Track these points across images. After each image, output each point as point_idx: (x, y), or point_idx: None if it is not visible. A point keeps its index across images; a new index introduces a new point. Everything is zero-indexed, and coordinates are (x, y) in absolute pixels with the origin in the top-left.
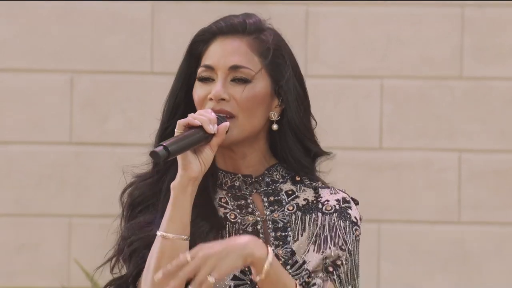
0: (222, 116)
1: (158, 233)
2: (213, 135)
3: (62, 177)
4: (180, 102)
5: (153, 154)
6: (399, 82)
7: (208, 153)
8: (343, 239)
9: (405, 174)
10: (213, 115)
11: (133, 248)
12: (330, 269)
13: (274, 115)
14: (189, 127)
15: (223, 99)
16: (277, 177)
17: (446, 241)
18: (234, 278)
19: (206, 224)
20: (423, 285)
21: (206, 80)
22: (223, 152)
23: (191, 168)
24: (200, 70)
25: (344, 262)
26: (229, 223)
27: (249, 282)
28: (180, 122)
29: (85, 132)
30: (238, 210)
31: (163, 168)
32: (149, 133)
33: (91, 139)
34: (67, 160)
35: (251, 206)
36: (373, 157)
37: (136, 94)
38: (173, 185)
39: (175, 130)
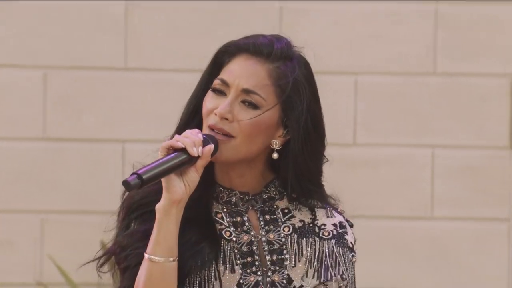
0: (211, 136)
1: (146, 255)
2: (198, 157)
3: (35, 173)
4: (199, 107)
5: (124, 183)
6: (373, 78)
7: (193, 175)
8: (344, 267)
9: (379, 170)
10: (199, 137)
11: (129, 263)
12: None
13: (276, 144)
14: (173, 149)
15: (226, 119)
16: (274, 193)
17: (419, 237)
18: None
19: (207, 244)
20: (397, 280)
21: (219, 92)
22: (221, 167)
23: (174, 191)
24: (216, 81)
25: None
26: (224, 241)
27: None
28: (163, 145)
29: (58, 128)
30: (233, 228)
31: None
32: (123, 128)
33: (64, 135)
34: (40, 156)
35: (246, 224)
36: (347, 154)
37: (110, 90)
38: (157, 207)
39: (159, 152)
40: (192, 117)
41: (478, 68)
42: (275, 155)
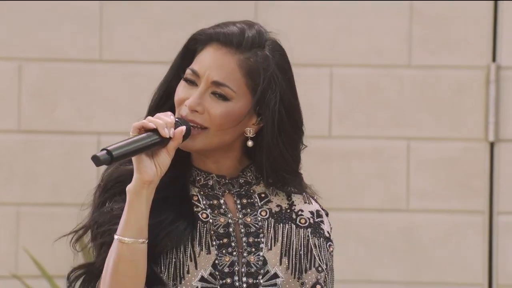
0: (183, 120)
1: (115, 236)
2: (169, 139)
3: (10, 165)
4: (171, 92)
5: (94, 158)
6: (348, 70)
7: (164, 157)
8: (319, 259)
9: (355, 162)
10: (171, 119)
11: (103, 240)
12: None
13: (250, 132)
14: (145, 130)
15: (196, 111)
16: (250, 178)
17: (394, 229)
18: (202, 279)
19: (183, 222)
20: (372, 273)
21: (190, 83)
22: (197, 153)
23: (145, 171)
24: (187, 71)
25: (323, 284)
26: (200, 222)
27: (218, 287)
28: (135, 125)
29: (33, 120)
30: (210, 210)
31: None
32: (98, 121)
33: (39, 128)
34: (15, 148)
35: (223, 207)
36: (322, 146)
37: (85, 82)
38: (128, 188)
39: (130, 132)
40: (163, 101)
41: (453, 61)
42: (249, 143)
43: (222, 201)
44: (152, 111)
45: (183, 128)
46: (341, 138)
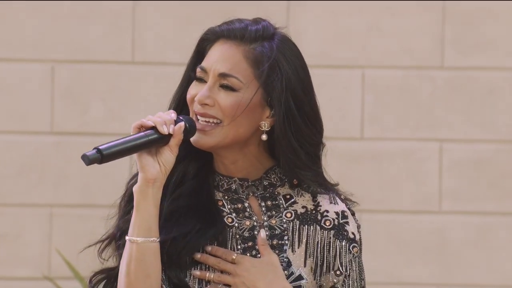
0: (187, 118)
1: (126, 237)
2: (170, 136)
3: (43, 167)
4: (182, 98)
5: (83, 157)
6: (380, 72)
7: (167, 155)
8: (339, 262)
9: (386, 164)
10: (171, 116)
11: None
12: None
13: (265, 126)
14: (145, 128)
15: (206, 104)
16: (275, 180)
17: (426, 231)
18: (227, 284)
19: (213, 230)
20: (404, 275)
21: (200, 80)
22: (216, 156)
23: (147, 170)
24: (197, 70)
25: (340, 286)
26: (226, 227)
27: None
28: (134, 124)
29: (65, 122)
30: (234, 214)
31: (176, 164)
32: (130, 122)
33: (71, 129)
34: (48, 150)
35: (248, 210)
36: (354, 147)
37: (117, 84)
38: (134, 188)
39: (131, 132)
40: (180, 106)
41: (486, 62)
42: (263, 137)
43: (246, 204)
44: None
45: (182, 123)
46: (373, 139)
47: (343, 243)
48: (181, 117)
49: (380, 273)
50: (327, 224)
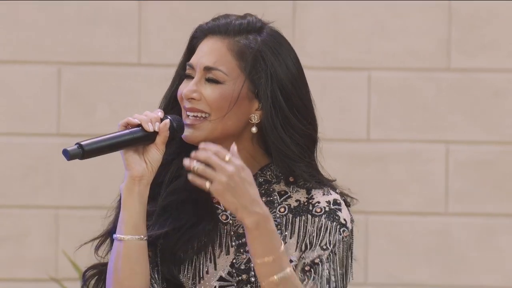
0: (175, 117)
1: (114, 235)
2: (156, 133)
3: (49, 168)
4: (173, 96)
5: (64, 152)
6: (386, 73)
7: (154, 153)
8: (328, 239)
9: (392, 165)
10: (158, 114)
11: None
12: (307, 268)
13: (255, 118)
14: (131, 126)
15: (193, 98)
16: (270, 177)
17: (433, 232)
18: (220, 279)
19: (207, 225)
20: (410, 276)
21: (189, 77)
22: None
23: (132, 167)
24: (186, 67)
25: (324, 261)
26: (221, 224)
27: (235, 284)
28: (121, 122)
29: (72, 124)
30: (229, 211)
31: (170, 159)
32: None
33: (78, 131)
34: (54, 151)
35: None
36: (360, 149)
37: (123, 86)
38: (121, 186)
39: (118, 129)
40: (170, 104)
41: (492, 64)
42: (253, 129)
43: None
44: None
45: (167, 121)
46: (379, 141)
47: (334, 224)
48: (168, 116)
49: (385, 275)
50: (318, 211)
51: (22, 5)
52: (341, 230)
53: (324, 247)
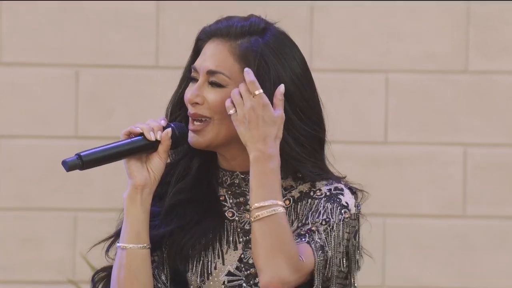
0: (178, 124)
1: (117, 244)
2: (158, 142)
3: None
4: (180, 99)
5: (63, 163)
6: (404, 76)
7: (156, 161)
8: (326, 216)
9: (410, 168)
10: (160, 123)
11: None
12: (302, 232)
13: None
14: (134, 135)
15: (196, 103)
16: None
17: (450, 235)
18: (229, 274)
19: (210, 222)
20: (427, 279)
21: (194, 80)
22: (219, 153)
23: (135, 176)
24: (192, 70)
25: (321, 231)
26: (227, 221)
27: (244, 278)
28: (123, 131)
29: (90, 126)
30: (236, 208)
31: (178, 159)
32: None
33: (95, 133)
34: (71, 154)
35: (249, 203)
36: (377, 152)
37: (141, 88)
38: (124, 195)
39: (121, 138)
40: (177, 108)
41: (510, 66)
42: None
43: (248, 197)
44: (168, 119)
45: (169, 130)
46: (396, 144)
47: (334, 205)
48: (171, 124)
49: (403, 278)
50: (318, 194)
51: (41, 8)
52: (342, 211)
53: (323, 222)
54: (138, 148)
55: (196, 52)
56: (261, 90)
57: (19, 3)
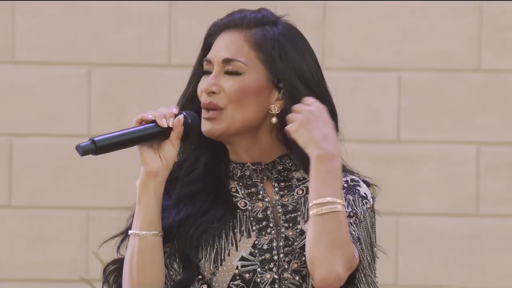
0: (190, 112)
1: (129, 232)
2: (170, 129)
3: (79, 170)
4: (194, 93)
5: (77, 148)
6: (416, 74)
7: (169, 148)
8: (352, 208)
9: (422, 167)
10: (172, 110)
11: None
12: None
13: (275, 108)
14: (146, 122)
15: (213, 92)
16: (289, 164)
17: (463, 234)
18: (242, 259)
19: (220, 210)
20: (440, 277)
21: (207, 73)
22: (228, 146)
23: (147, 163)
24: (204, 63)
25: (353, 223)
26: (240, 211)
27: (258, 263)
28: (135, 118)
29: (102, 125)
30: (248, 198)
31: (186, 157)
32: None
33: (108, 132)
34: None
35: (261, 192)
36: (390, 150)
37: (153, 87)
38: (136, 183)
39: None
40: (188, 101)
41: None
42: (273, 120)
43: (260, 187)
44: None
45: (181, 116)
46: (409, 142)
47: (356, 196)
48: (183, 112)
49: (416, 276)
50: None
51: (53, 7)
52: (364, 201)
53: (351, 214)
54: (151, 135)
55: (206, 49)
56: (314, 100)
57: (32, 2)
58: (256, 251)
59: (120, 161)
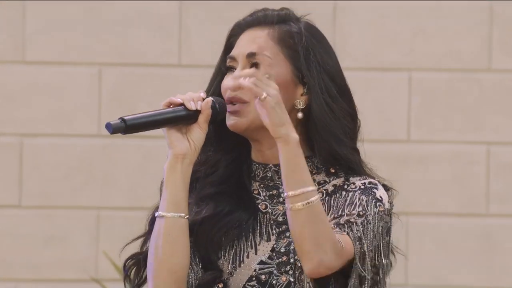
0: (217, 98)
1: (156, 214)
2: (198, 112)
3: (90, 169)
4: (215, 92)
5: (107, 125)
6: (427, 74)
7: (196, 131)
8: (362, 208)
9: (433, 167)
10: (200, 95)
11: None
12: (342, 221)
13: (300, 104)
14: (174, 105)
15: (238, 87)
16: (311, 167)
17: (473, 234)
18: (261, 262)
19: (243, 214)
20: (450, 277)
21: (230, 69)
22: (253, 145)
23: (175, 145)
24: (227, 61)
25: (359, 223)
26: (260, 213)
27: (275, 266)
28: (163, 102)
29: None
30: (269, 200)
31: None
32: None
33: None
34: (95, 152)
35: (282, 195)
36: (400, 150)
37: (164, 87)
38: (164, 166)
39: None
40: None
41: None
42: (299, 115)
43: (281, 190)
44: None
45: (209, 99)
46: (419, 142)
47: (369, 197)
48: (212, 98)
49: (426, 276)
50: (353, 187)
51: (64, 7)
52: (377, 204)
53: (360, 213)
54: (180, 117)
55: (229, 49)
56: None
57: (43, 2)
58: (274, 254)
59: (130, 161)
